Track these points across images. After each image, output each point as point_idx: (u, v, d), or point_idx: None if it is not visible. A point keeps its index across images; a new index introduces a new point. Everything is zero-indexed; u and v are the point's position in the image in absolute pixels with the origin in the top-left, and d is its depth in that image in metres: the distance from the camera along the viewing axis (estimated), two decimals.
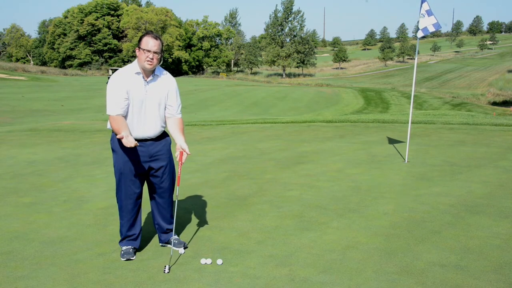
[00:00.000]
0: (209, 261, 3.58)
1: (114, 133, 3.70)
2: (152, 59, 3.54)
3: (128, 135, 3.44)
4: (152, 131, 3.71)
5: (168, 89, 3.72)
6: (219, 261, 3.57)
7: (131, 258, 3.71)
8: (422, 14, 6.83)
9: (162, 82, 3.71)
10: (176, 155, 3.67)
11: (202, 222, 4.57)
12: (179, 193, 5.50)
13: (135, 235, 3.85)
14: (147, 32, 3.59)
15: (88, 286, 3.25)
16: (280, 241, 4.02)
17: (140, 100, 3.60)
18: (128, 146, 3.41)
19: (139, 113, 3.63)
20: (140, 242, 3.91)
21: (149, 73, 3.65)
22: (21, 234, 4.31)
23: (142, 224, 4.00)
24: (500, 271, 3.35)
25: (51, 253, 3.86)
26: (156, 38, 3.56)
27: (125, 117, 3.61)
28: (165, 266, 3.46)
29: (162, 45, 3.63)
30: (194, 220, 4.65)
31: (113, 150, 3.80)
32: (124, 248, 3.80)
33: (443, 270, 3.37)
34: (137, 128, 3.65)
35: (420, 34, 6.92)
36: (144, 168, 3.76)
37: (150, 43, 3.53)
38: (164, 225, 3.96)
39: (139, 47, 3.56)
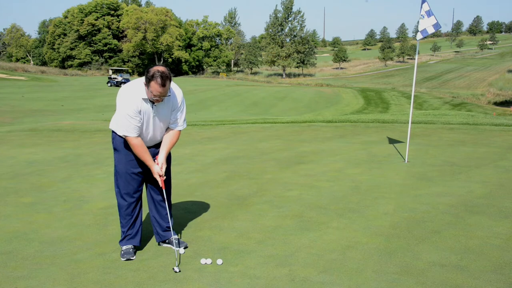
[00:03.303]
0: (209, 261, 3.58)
1: (116, 134, 3.79)
2: (159, 99, 3.55)
3: (153, 165, 3.71)
4: (156, 141, 3.85)
5: (174, 107, 3.76)
6: (219, 261, 3.57)
7: (131, 258, 3.72)
8: (421, 15, 6.82)
9: (168, 102, 3.71)
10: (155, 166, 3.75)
11: (202, 222, 4.57)
12: (178, 193, 5.50)
13: (135, 233, 3.86)
14: (156, 76, 3.41)
15: (88, 286, 3.25)
16: (280, 241, 4.02)
17: (147, 119, 3.67)
18: (154, 176, 3.73)
19: (145, 127, 3.71)
20: (140, 240, 3.92)
21: None
22: (21, 234, 4.31)
23: (142, 224, 3.99)
24: (500, 271, 3.35)
25: (51, 253, 3.86)
26: (164, 85, 3.44)
27: None
28: (174, 268, 3.47)
29: (170, 82, 3.54)
30: (194, 220, 4.66)
31: (115, 149, 3.84)
32: (124, 247, 3.80)
33: (443, 270, 3.38)
34: (143, 138, 3.73)
35: (419, 36, 6.91)
36: (145, 167, 3.81)
37: (158, 90, 3.46)
38: (162, 223, 3.98)
39: (148, 86, 3.49)
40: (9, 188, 6.13)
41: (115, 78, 58.30)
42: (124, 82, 53.57)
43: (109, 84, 57.08)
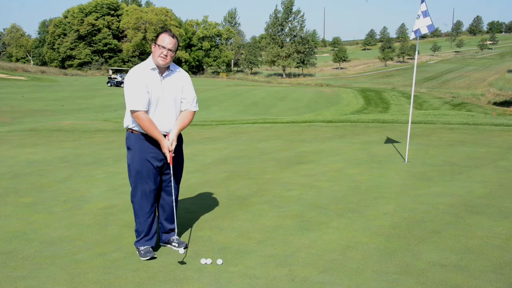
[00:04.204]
0: (209, 261, 3.58)
1: (130, 132, 3.75)
2: (166, 56, 3.60)
3: (164, 139, 3.64)
4: (168, 126, 3.74)
5: (183, 83, 3.78)
6: (219, 261, 3.57)
7: (154, 256, 3.70)
8: (418, 15, 6.85)
9: (177, 77, 3.77)
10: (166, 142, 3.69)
11: (202, 222, 4.57)
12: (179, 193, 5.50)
13: (152, 234, 3.82)
14: (165, 30, 3.68)
15: (88, 286, 3.25)
16: (280, 241, 4.02)
17: (157, 96, 3.64)
18: (164, 151, 3.65)
19: (156, 108, 3.66)
20: (155, 241, 3.88)
21: (164, 69, 3.71)
22: (21, 234, 4.31)
23: (156, 224, 3.96)
24: (500, 271, 3.35)
25: (51, 253, 3.86)
26: (173, 36, 3.64)
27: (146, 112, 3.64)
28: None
29: (178, 45, 3.71)
30: (194, 220, 4.66)
31: (128, 149, 3.78)
32: (142, 248, 3.76)
33: (443, 270, 3.38)
34: (155, 123, 3.66)
35: (412, 35, 6.98)
36: (159, 165, 3.76)
37: (166, 40, 3.61)
38: (166, 225, 3.97)
39: (155, 43, 3.63)
40: (9, 188, 6.13)
41: (115, 78, 58.25)
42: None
43: (109, 84, 57.06)
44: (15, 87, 48.58)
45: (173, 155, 3.74)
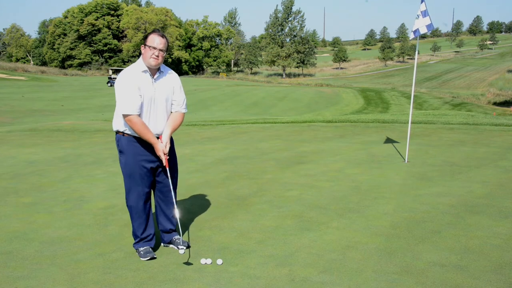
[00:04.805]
0: (209, 261, 3.58)
1: (121, 135, 3.72)
2: (158, 56, 3.59)
3: (158, 142, 3.62)
4: (161, 128, 3.74)
5: (173, 84, 3.78)
6: (219, 261, 3.57)
7: (154, 256, 3.70)
8: (417, 15, 6.86)
9: (168, 79, 3.77)
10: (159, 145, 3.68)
11: (202, 222, 4.57)
12: (178, 193, 5.50)
13: (151, 236, 3.82)
14: (154, 30, 3.65)
15: (88, 286, 3.25)
16: (280, 241, 4.02)
17: (149, 98, 3.63)
18: (159, 154, 3.62)
19: (149, 110, 3.65)
20: (155, 242, 3.88)
21: (155, 71, 3.69)
22: (21, 234, 4.31)
23: (154, 226, 3.95)
24: (500, 271, 3.36)
25: (51, 253, 3.86)
26: (162, 36, 3.62)
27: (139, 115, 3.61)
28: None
29: (168, 44, 3.70)
30: (194, 220, 4.66)
31: (120, 152, 3.74)
32: (142, 248, 3.75)
33: (443, 270, 3.38)
34: (147, 125, 3.65)
35: (411, 35, 6.99)
36: (153, 166, 3.75)
37: (156, 40, 3.58)
38: (167, 225, 3.96)
39: (145, 45, 3.60)
40: (9, 188, 6.13)
41: (115, 78, 58.05)
42: None
43: (109, 84, 57.02)
44: (15, 87, 48.58)
45: (168, 157, 3.74)
